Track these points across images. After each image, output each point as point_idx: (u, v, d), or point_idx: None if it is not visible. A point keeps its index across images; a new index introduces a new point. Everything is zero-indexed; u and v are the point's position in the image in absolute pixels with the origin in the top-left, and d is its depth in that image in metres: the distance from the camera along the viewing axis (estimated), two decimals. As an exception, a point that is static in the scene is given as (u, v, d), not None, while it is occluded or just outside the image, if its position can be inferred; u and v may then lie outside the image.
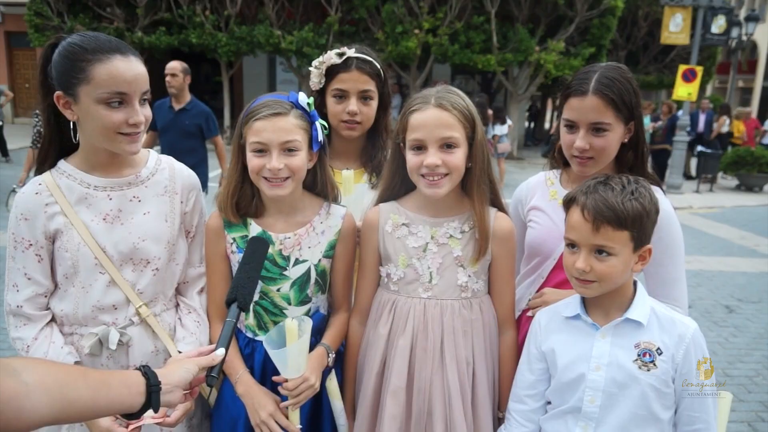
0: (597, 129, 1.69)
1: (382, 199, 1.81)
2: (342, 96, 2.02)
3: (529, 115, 25.20)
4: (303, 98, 1.66)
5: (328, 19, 15.24)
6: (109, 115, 1.47)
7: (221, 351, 1.29)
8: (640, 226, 1.41)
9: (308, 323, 1.59)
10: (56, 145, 1.61)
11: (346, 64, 2.00)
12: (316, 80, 2.05)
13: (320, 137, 1.69)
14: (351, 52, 2.01)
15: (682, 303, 1.74)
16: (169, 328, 1.71)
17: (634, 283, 1.54)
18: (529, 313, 1.85)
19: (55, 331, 1.61)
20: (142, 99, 1.52)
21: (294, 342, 1.52)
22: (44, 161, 1.62)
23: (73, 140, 1.57)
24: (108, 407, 1.09)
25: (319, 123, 1.70)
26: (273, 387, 1.74)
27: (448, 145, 1.59)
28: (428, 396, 1.67)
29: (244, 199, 1.73)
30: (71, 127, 1.56)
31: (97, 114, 1.47)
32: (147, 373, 1.17)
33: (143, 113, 1.52)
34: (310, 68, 2.06)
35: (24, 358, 1.51)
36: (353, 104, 2.01)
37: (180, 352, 1.64)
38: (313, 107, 1.69)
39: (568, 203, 1.50)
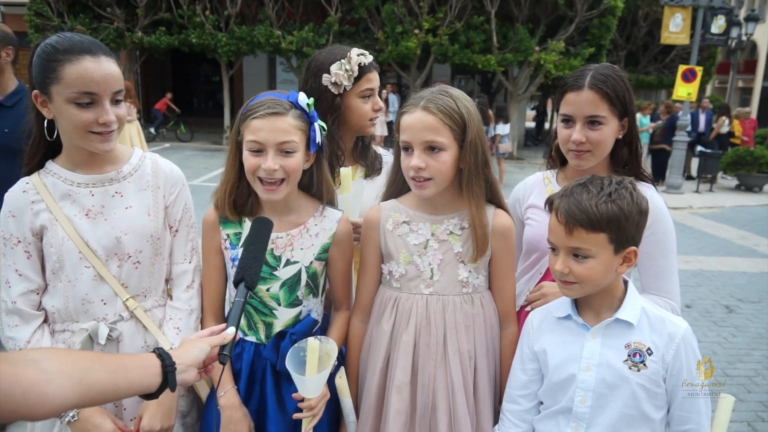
0: (593, 122, 1.75)
1: (387, 196, 1.84)
2: (370, 95, 2.08)
3: (536, 115, 25.22)
4: (303, 98, 1.66)
5: (328, 19, 15.25)
6: (78, 114, 1.51)
7: (232, 329, 1.32)
8: (617, 228, 1.39)
9: (333, 347, 1.60)
10: (44, 142, 1.64)
11: (370, 65, 2.07)
12: (346, 83, 2.03)
13: (318, 138, 1.69)
14: (367, 54, 2.07)
15: (675, 296, 1.79)
16: (160, 323, 1.73)
17: (626, 283, 1.54)
18: (528, 308, 1.87)
19: (45, 335, 1.64)
20: (114, 98, 1.55)
21: (323, 370, 1.55)
22: (33, 158, 1.66)
23: (48, 137, 1.61)
24: (128, 388, 1.13)
25: (318, 124, 1.69)
26: (261, 387, 1.74)
27: (432, 148, 1.61)
28: (432, 390, 1.69)
29: (241, 198, 1.74)
30: (46, 124, 1.59)
31: (67, 113, 1.51)
32: (161, 354, 1.20)
33: (115, 112, 1.55)
34: (337, 72, 2.01)
35: (41, 348, 1.57)
36: (379, 101, 2.11)
37: (172, 346, 1.69)
38: (312, 108, 1.68)
39: (549, 206, 1.51)
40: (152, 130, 16.95)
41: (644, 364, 1.43)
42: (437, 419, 1.68)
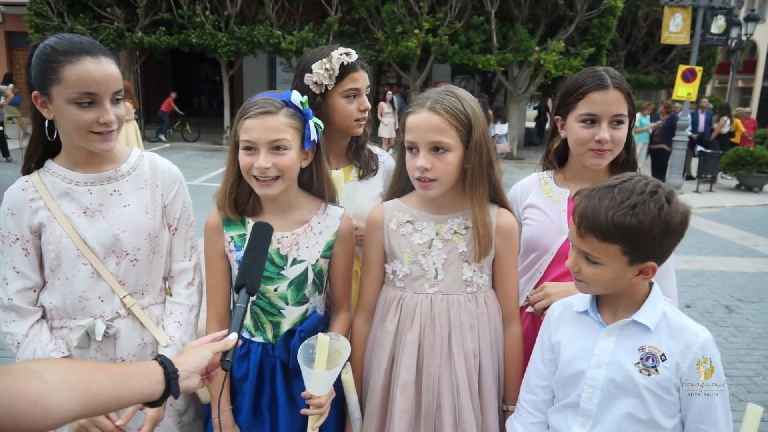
0: (617, 121, 1.79)
1: (390, 195, 1.84)
2: (355, 95, 2.05)
3: (539, 114, 25.18)
4: (296, 96, 1.66)
5: (328, 19, 15.25)
6: (79, 114, 1.52)
7: (234, 336, 1.32)
8: (631, 241, 1.32)
9: (345, 345, 1.60)
10: (43, 141, 1.66)
11: (354, 65, 2.04)
12: (327, 82, 2.02)
13: (313, 136, 1.69)
14: (353, 53, 2.04)
15: (673, 294, 1.80)
16: (157, 321, 1.75)
17: (651, 284, 1.48)
18: (529, 309, 1.87)
19: (44, 329, 1.66)
20: (114, 98, 1.57)
21: (334, 367, 1.56)
22: (31, 157, 1.68)
23: (49, 138, 1.62)
24: (130, 397, 1.13)
25: (312, 122, 1.70)
26: (272, 385, 1.76)
27: (437, 149, 1.61)
28: (437, 389, 1.69)
29: (242, 197, 1.75)
30: (46, 125, 1.61)
31: (68, 113, 1.52)
32: (164, 361, 1.20)
33: (115, 112, 1.57)
34: (318, 71, 2.01)
35: (43, 359, 1.58)
36: (367, 101, 2.06)
37: (171, 338, 1.71)
38: (306, 105, 1.69)
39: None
40: (162, 136, 16.95)
41: (656, 370, 1.39)
42: (442, 418, 1.68)
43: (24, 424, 0.94)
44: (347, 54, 2.02)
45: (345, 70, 2.02)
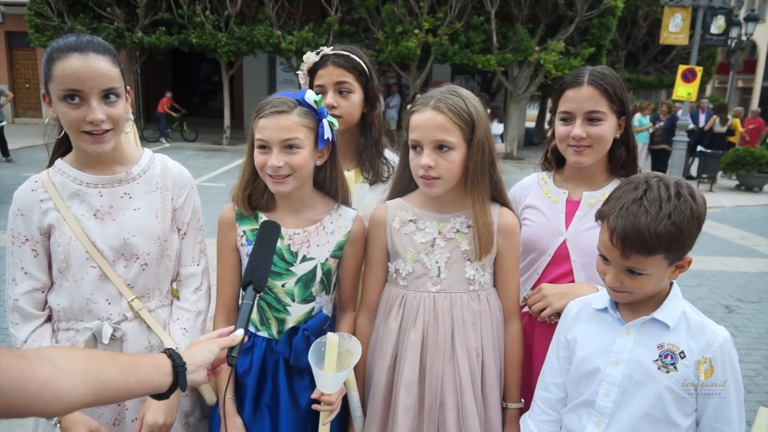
0: (593, 118, 1.77)
1: (393, 194, 1.85)
2: (321, 92, 2.05)
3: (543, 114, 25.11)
4: (310, 96, 1.69)
5: (328, 19, 15.25)
6: (68, 112, 1.51)
7: (240, 332, 1.34)
8: (675, 246, 1.34)
9: (356, 345, 1.61)
10: (66, 139, 1.66)
11: (322, 61, 2.06)
12: (302, 81, 2.11)
13: (327, 135, 1.71)
14: (328, 50, 2.06)
15: None
16: (164, 323, 1.74)
17: (671, 284, 1.49)
18: (525, 309, 1.87)
19: (45, 336, 1.65)
20: (105, 96, 1.52)
21: (345, 368, 1.57)
22: (55, 153, 1.69)
23: (58, 134, 1.63)
24: (139, 387, 1.14)
25: (327, 121, 1.71)
26: (274, 382, 1.76)
27: (441, 147, 1.62)
28: (440, 387, 1.70)
29: (257, 193, 1.77)
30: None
31: (60, 111, 1.52)
32: (172, 354, 1.21)
33: (106, 111, 1.51)
34: (298, 72, 2.11)
35: (55, 346, 1.60)
36: (330, 97, 2.04)
37: (177, 345, 1.71)
38: (321, 104, 1.71)
39: (601, 218, 1.45)
40: (163, 139, 16.98)
41: (675, 367, 1.39)
42: (445, 416, 1.69)
43: (35, 407, 0.95)
44: (318, 52, 2.07)
45: (314, 68, 2.08)
